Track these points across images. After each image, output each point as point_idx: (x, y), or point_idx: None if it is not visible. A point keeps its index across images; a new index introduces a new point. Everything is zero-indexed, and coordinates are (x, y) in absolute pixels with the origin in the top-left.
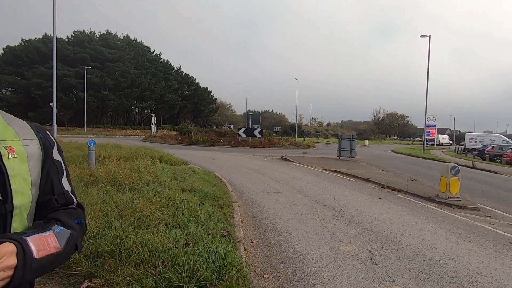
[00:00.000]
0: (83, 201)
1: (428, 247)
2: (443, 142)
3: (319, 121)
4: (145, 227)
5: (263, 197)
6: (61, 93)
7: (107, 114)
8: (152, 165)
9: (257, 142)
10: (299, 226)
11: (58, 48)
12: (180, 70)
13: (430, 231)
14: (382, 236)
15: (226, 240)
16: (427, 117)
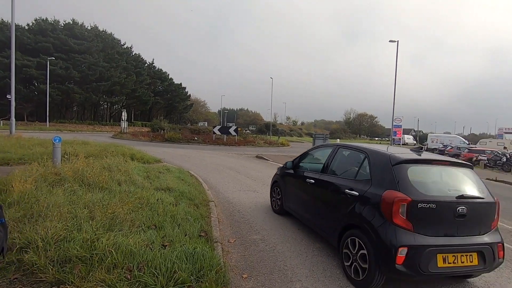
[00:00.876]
0: (47, 202)
1: None
2: (408, 142)
3: (293, 120)
4: (118, 229)
5: (240, 196)
6: (20, 85)
7: (72, 109)
8: (124, 164)
9: (232, 140)
10: (276, 224)
11: (17, 36)
12: (152, 65)
13: None
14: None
15: (204, 240)
16: (394, 118)
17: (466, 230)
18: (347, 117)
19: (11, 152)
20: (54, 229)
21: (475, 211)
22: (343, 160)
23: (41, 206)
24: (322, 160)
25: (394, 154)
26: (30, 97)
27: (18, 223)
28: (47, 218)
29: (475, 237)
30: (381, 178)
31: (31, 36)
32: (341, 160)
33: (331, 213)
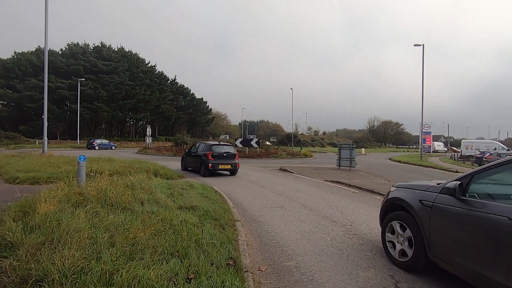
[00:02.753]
0: (68, 226)
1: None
2: (438, 149)
3: (315, 130)
4: (139, 257)
5: (267, 214)
6: (54, 106)
7: (101, 126)
8: (147, 180)
9: (254, 153)
10: (310, 248)
11: (51, 60)
12: (175, 81)
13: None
14: None
15: (233, 270)
16: (423, 124)
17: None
18: (370, 125)
19: (41, 171)
20: (72, 259)
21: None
22: None
23: (61, 231)
24: None
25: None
26: (63, 116)
27: (37, 250)
28: (66, 245)
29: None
30: None
31: (64, 60)
32: None
33: None
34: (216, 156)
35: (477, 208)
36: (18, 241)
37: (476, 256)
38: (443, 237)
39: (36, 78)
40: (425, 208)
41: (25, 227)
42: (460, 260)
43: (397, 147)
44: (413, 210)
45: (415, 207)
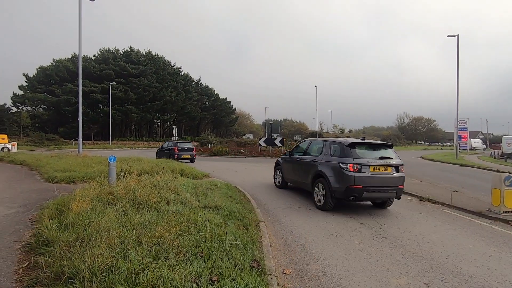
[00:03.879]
0: (99, 225)
1: (499, 279)
2: (476, 147)
3: (340, 128)
4: (164, 257)
5: (291, 214)
6: (88, 109)
7: (131, 127)
8: (173, 180)
9: (278, 152)
10: (336, 251)
11: (85, 66)
12: (199, 82)
13: (494, 256)
14: (438, 264)
15: (256, 273)
16: (458, 120)
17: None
18: (400, 122)
19: (76, 170)
20: (101, 257)
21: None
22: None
23: (92, 229)
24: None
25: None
26: (96, 119)
27: (70, 247)
28: (96, 243)
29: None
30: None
31: (96, 65)
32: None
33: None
34: (180, 149)
35: (293, 158)
36: (53, 239)
37: (293, 176)
38: (286, 170)
39: (72, 83)
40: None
41: (60, 225)
42: (290, 178)
43: (429, 145)
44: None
45: (281, 161)
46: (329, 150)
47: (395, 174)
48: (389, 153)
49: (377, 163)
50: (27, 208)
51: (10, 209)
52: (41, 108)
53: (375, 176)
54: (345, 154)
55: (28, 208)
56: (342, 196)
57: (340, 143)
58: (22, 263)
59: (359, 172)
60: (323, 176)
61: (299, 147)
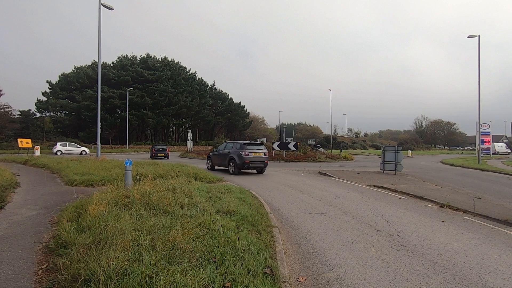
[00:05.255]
0: (114, 228)
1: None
2: (499, 151)
3: (355, 131)
4: (178, 261)
5: (305, 220)
6: (106, 114)
7: (147, 132)
8: (187, 184)
9: (292, 156)
10: (352, 259)
11: (104, 72)
12: (214, 87)
13: None
14: (461, 275)
15: (270, 280)
16: (481, 123)
17: None
18: (418, 126)
19: (95, 174)
20: (116, 260)
21: None
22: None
23: (108, 232)
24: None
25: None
26: (114, 124)
27: (87, 250)
28: (112, 246)
29: None
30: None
31: (115, 71)
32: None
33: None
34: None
35: (219, 152)
36: (71, 241)
37: (218, 162)
38: (214, 159)
39: (92, 89)
40: (212, 154)
41: (78, 227)
42: (216, 164)
43: (449, 149)
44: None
45: (211, 155)
46: (236, 146)
47: (263, 156)
48: (262, 147)
49: (255, 151)
50: (47, 210)
51: (32, 211)
52: (63, 114)
53: (255, 157)
54: (243, 147)
55: (49, 210)
56: (241, 167)
57: (241, 143)
58: (41, 264)
59: (248, 155)
60: (234, 159)
61: (220, 146)
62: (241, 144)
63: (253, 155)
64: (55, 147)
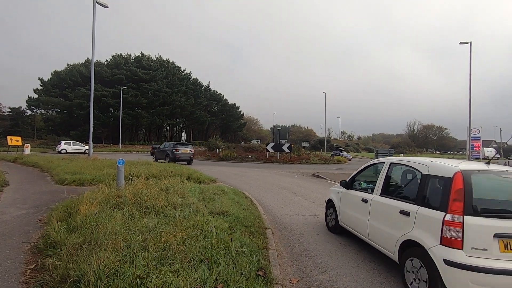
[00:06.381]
0: (106, 228)
1: None
2: (489, 156)
3: (349, 134)
4: (169, 262)
5: (298, 221)
6: (99, 113)
7: (140, 131)
8: (180, 185)
9: (286, 158)
10: (345, 261)
11: (97, 71)
12: (208, 88)
13: None
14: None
15: (262, 282)
16: (471, 128)
17: None
18: (410, 130)
19: (86, 173)
20: (107, 261)
21: None
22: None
23: (99, 233)
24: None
25: None
26: (107, 122)
27: (77, 250)
28: (103, 246)
29: None
30: None
31: (109, 70)
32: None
33: None
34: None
35: (160, 150)
36: (61, 241)
37: (159, 156)
38: (156, 155)
39: (85, 87)
40: (156, 150)
41: (68, 227)
42: (158, 157)
43: (440, 153)
44: (154, 152)
45: (155, 151)
46: (171, 145)
47: (190, 152)
48: (189, 146)
49: (183, 149)
50: (37, 210)
51: (21, 210)
52: (55, 112)
53: (183, 153)
54: (175, 146)
55: (38, 209)
56: (174, 159)
57: (174, 143)
58: (29, 265)
59: (178, 151)
60: (169, 154)
61: (161, 146)
62: (174, 144)
63: (182, 152)
64: (60, 146)
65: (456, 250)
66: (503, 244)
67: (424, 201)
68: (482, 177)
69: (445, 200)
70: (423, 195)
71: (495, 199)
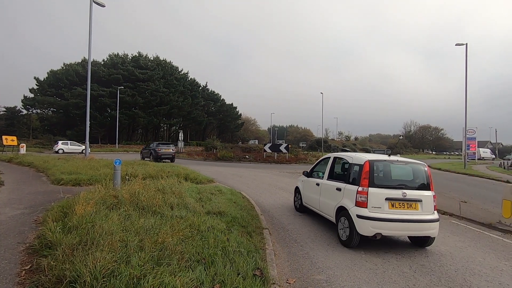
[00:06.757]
0: (102, 228)
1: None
2: (484, 157)
3: (346, 135)
4: (166, 263)
5: (295, 222)
6: (96, 112)
7: (137, 131)
8: (178, 185)
9: (283, 158)
10: (342, 261)
11: (94, 70)
12: (206, 88)
13: (506, 271)
14: (446, 277)
15: (259, 282)
16: (467, 129)
17: None
18: (406, 130)
19: (83, 173)
20: (103, 261)
21: None
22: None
23: (95, 233)
24: None
25: None
26: (104, 122)
27: (72, 251)
28: (99, 247)
29: None
30: None
31: (105, 69)
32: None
33: None
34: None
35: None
36: (57, 241)
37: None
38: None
39: (82, 87)
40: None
41: (64, 228)
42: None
43: (436, 154)
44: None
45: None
46: (154, 144)
47: (171, 151)
48: (171, 145)
49: (165, 148)
50: (32, 210)
51: (16, 210)
52: (50, 111)
53: (165, 151)
54: (158, 146)
55: (34, 209)
56: (157, 157)
57: (157, 143)
58: (25, 265)
59: (160, 150)
60: (152, 153)
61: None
62: (157, 144)
63: (164, 150)
64: (57, 145)
65: (363, 209)
66: (391, 204)
67: (349, 180)
68: (381, 164)
69: (359, 178)
70: (349, 176)
71: (387, 177)
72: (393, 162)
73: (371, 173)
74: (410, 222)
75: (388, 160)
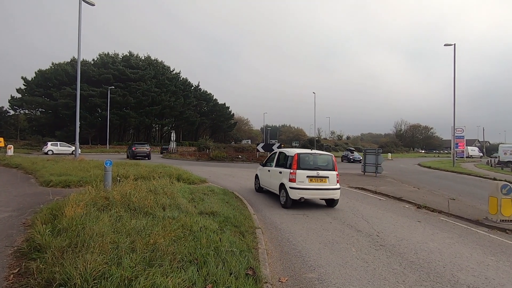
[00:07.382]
0: (92, 230)
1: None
2: (472, 155)
3: (338, 134)
4: (158, 264)
5: (288, 221)
6: (86, 113)
7: (129, 132)
8: (170, 185)
9: None
10: (333, 259)
11: (84, 70)
12: (198, 87)
13: (492, 265)
14: (435, 273)
15: (252, 281)
16: (455, 128)
17: None
18: (397, 129)
19: (72, 174)
20: (93, 263)
21: None
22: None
23: (85, 235)
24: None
25: None
26: (94, 123)
27: (62, 253)
28: (89, 249)
29: None
30: None
31: (95, 69)
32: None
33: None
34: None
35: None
36: (46, 244)
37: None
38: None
39: (71, 86)
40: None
41: (53, 230)
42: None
43: (426, 152)
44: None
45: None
46: (132, 145)
47: (146, 150)
48: (146, 145)
49: (141, 147)
50: (20, 212)
51: (4, 213)
52: (39, 112)
53: (140, 150)
54: (134, 145)
55: (22, 212)
56: (133, 156)
57: (134, 143)
58: (13, 269)
59: (136, 149)
60: (129, 151)
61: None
62: (133, 143)
63: (139, 149)
64: (46, 147)
65: (293, 183)
66: (310, 179)
67: (286, 166)
68: (305, 155)
69: (292, 164)
70: (286, 163)
71: (308, 163)
72: (313, 154)
73: (298, 161)
74: (321, 190)
75: (309, 153)
